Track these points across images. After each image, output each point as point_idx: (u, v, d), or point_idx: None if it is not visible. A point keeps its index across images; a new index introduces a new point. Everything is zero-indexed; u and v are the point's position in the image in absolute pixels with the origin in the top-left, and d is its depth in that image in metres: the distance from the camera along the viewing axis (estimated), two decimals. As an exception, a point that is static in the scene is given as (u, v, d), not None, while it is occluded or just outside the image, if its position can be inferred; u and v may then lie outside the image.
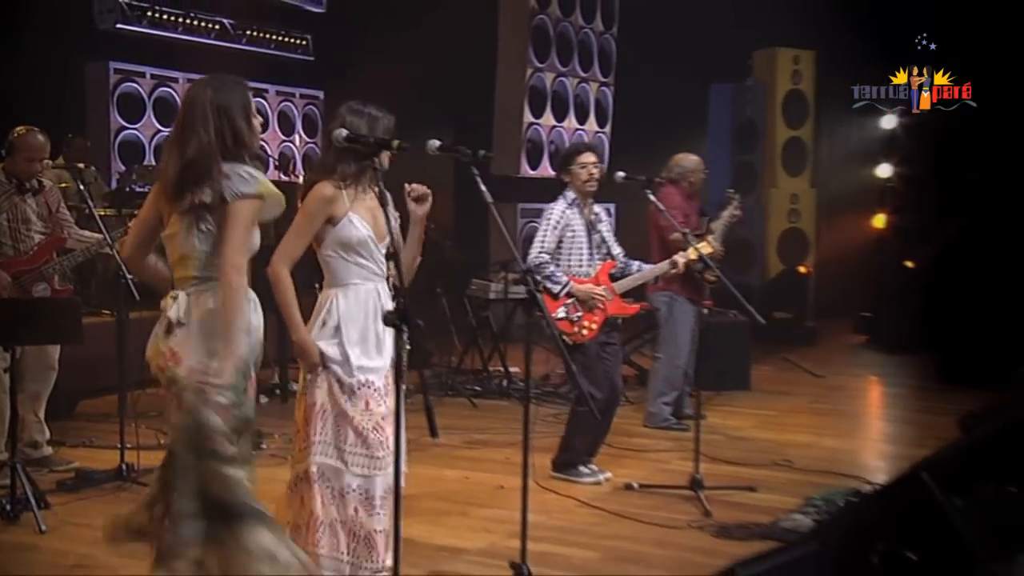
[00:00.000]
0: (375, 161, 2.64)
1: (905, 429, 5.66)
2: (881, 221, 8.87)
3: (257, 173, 2.53)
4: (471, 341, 6.61)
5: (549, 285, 4.26)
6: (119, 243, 4.32)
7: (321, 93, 9.47)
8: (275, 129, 9.11)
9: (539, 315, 2.89)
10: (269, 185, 2.54)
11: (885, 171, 8.90)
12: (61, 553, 3.49)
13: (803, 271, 8.82)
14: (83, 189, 4.62)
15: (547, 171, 8.81)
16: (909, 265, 8.23)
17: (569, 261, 4.37)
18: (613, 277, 4.43)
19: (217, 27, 8.40)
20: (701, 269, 4.68)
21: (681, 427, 5.32)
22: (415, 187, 2.86)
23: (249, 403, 2.52)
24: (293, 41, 9.14)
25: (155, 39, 7.93)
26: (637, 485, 4.30)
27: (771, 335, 7.36)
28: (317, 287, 2.92)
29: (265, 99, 8.95)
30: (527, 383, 3.05)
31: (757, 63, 9.06)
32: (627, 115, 9.76)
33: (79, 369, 4.99)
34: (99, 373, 5.09)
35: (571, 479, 4.38)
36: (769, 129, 8.90)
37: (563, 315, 4.29)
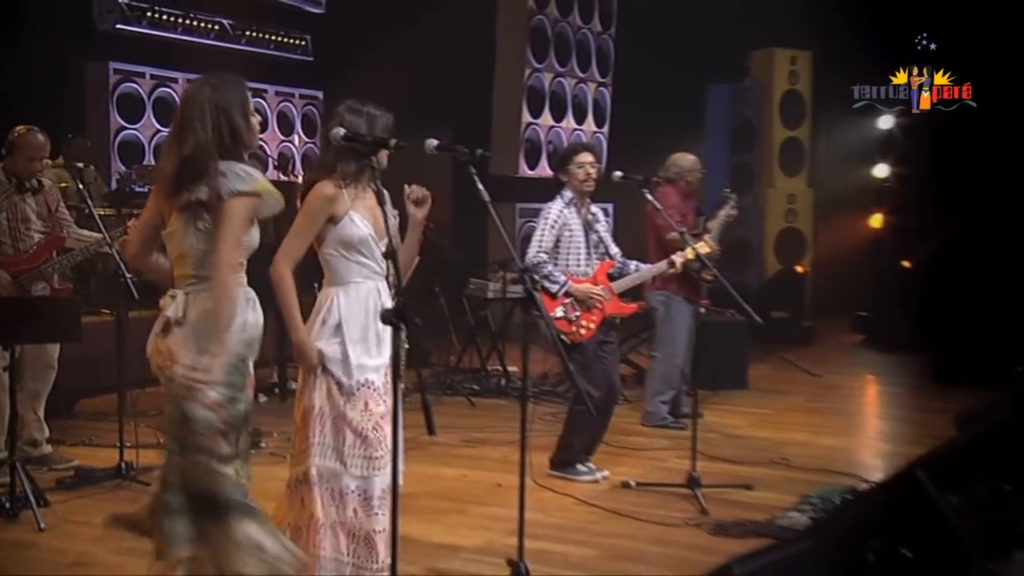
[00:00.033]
0: (373, 160, 2.64)
1: (902, 428, 5.67)
2: (878, 221, 8.89)
3: (253, 171, 2.51)
4: (469, 340, 6.62)
5: (547, 284, 4.26)
6: (118, 242, 4.34)
7: (320, 93, 9.46)
8: (274, 129, 9.11)
9: (537, 314, 2.90)
10: (265, 183, 2.53)
11: (882, 171, 8.91)
12: (60, 551, 3.50)
13: (800, 271, 8.83)
14: (82, 189, 4.62)
15: (545, 171, 8.81)
16: (906, 265, 8.26)
17: (567, 261, 4.37)
18: (611, 277, 4.43)
19: (216, 27, 8.40)
20: (698, 268, 4.70)
21: (678, 426, 5.34)
22: (415, 189, 2.86)
23: (246, 400, 2.53)
24: (292, 41, 9.14)
25: (155, 39, 7.93)
26: (634, 483, 4.31)
27: (768, 334, 7.39)
28: (316, 286, 2.91)
29: (264, 99, 8.94)
30: (524, 382, 3.07)
31: (755, 63, 9.07)
32: (625, 115, 9.77)
33: (79, 368, 4.99)
34: (98, 372, 5.10)
35: (569, 477, 4.39)
36: (766, 129, 8.91)
37: (561, 314, 4.29)
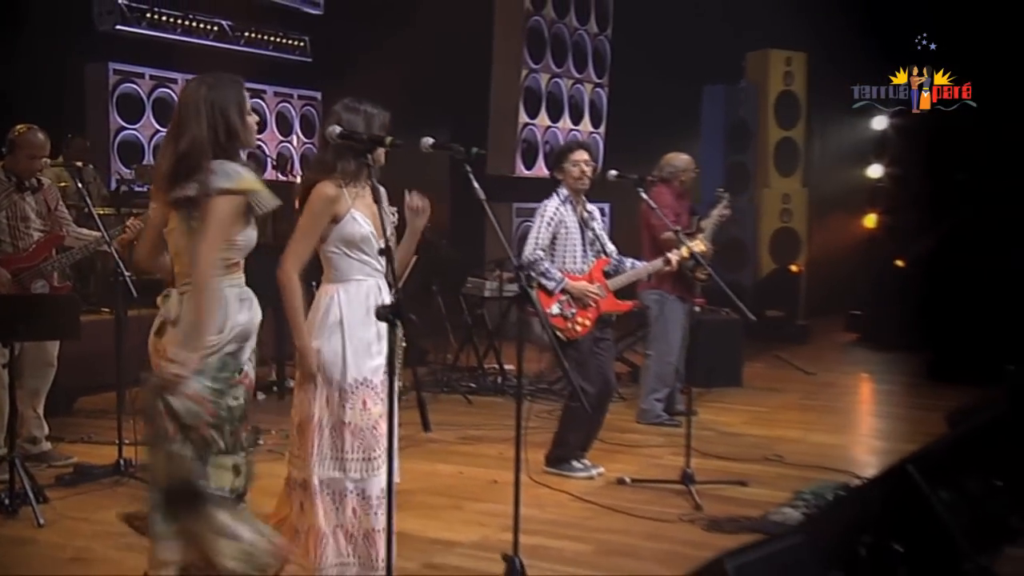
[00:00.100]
0: (368, 157, 2.66)
1: (895, 425, 5.70)
2: (872, 221, 8.92)
3: (243, 170, 2.50)
4: (466, 339, 6.64)
5: (544, 281, 4.28)
6: (117, 241, 4.38)
7: (319, 94, 9.47)
8: (273, 130, 9.12)
9: (532, 312, 2.93)
10: (253, 182, 2.50)
11: (876, 171, 8.95)
12: (59, 546, 3.51)
13: (795, 270, 8.85)
14: (81, 188, 4.64)
15: (542, 171, 8.84)
16: (900, 264, 8.30)
17: (563, 258, 4.38)
18: (607, 274, 4.45)
19: (215, 28, 8.42)
20: (693, 267, 4.74)
21: (673, 423, 5.36)
22: (415, 197, 2.87)
23: (241, 397, 2.53)
24: (291, 42, 9.15)
25: (154, 40, 7.94)
26: (629, 480, 4.32)
27: (763, 333, 7.43)
28: (314, 285, 2.92)
29: (263, 100, 8.95)
30: (519, 379, 3.09)
31: (750, 65, 9.09)
32: (621, 116, 9.81)
33: (78, 366, 5.01)
34: (98, 370, 5.11)
35: (564, 474, 4.40)
36: (761, 130, 8.94)
37: (557, 311, 4.30)
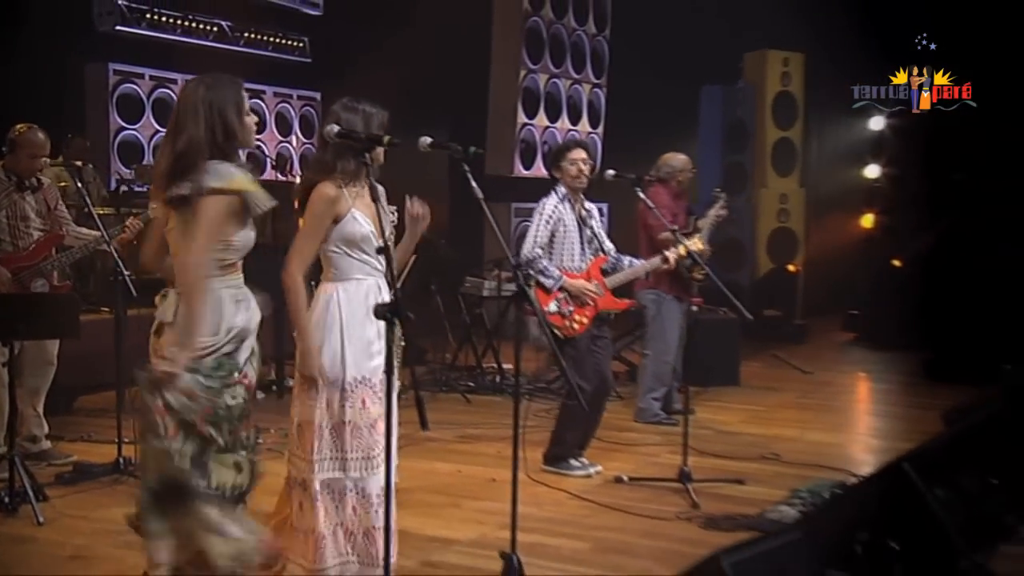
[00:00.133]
0: (367, 156, 2.67)
1: (892, 424, 5.71)
2: (869, 221, 8.94)
3: (236, 170, 2.49)
4: (465, 338, 6.66)
5: (542, 279, 4.29)
6: (116, 240, 4.40)
7: (318, 94, 9.48)
8: (272, 130, 9.13)
9: (529, 309, 2.95)
10: (246, 182, 2.49)
11: (873, 172, 8.97)
12: (58, 544, 3.52)
13: (792, 270, 8.87)
14: (81, 187, 4.66)
15: (540, 171, 8.86)
16: (897, 264, 8.33)
17: (561, 256, 4.39)
18: (604, 272, 4.46)
19: (215, 29, 8.43)
20: (690, 266, 4.75)
21: (670, 422, 5.37)
22: (415, 204, 2.89)
23: (239, 396, 2.54)
24: (290, 43, 9.16)
25: (154, 41, 7.96)
26: (627, 478, 4.34)
27: (761, 332, 7.45)
28: (313, 284, 2.93)
29: (262, 100, 8.96)
30: (516, 377, 3.10)
31: (747, 65, 9.10)
32: (619, 116, 9.82)
33: (78, 365, 5.02)
34: (97, 369, 5.12)
35: (562, 472, 4.41)
36: (759, 130, 8.95)
37: (555, 309, 4.31)
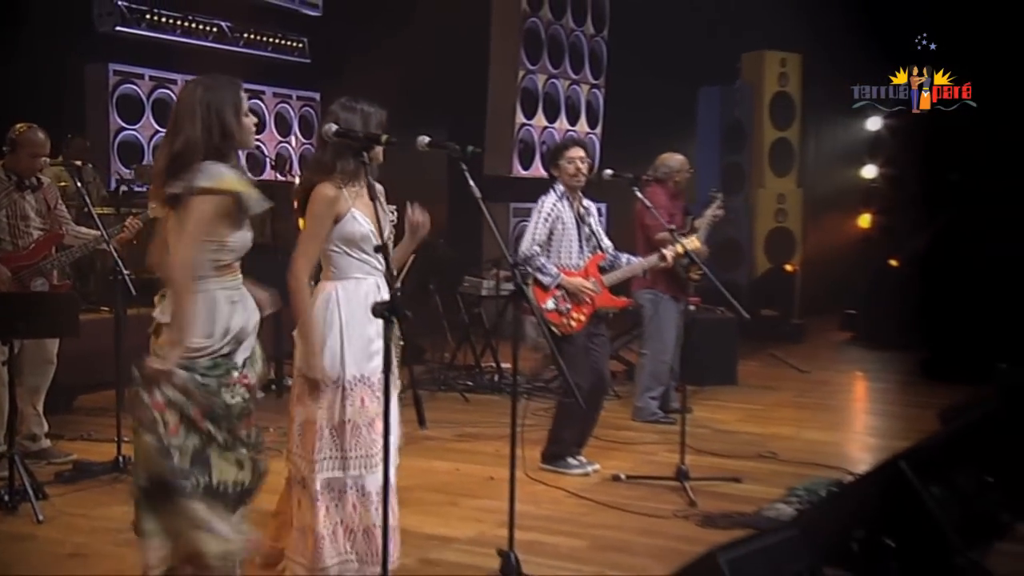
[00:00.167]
0: (364, 155, 2.68)
1: (889, 422, 5.73)
2: (866, 221, 8.96)
3: (228, 170, 2.48)
4: (463, 337, 6.67)
5: (540, 276, 4.31)
6: (116, 239, 4.42)
7: (317, 95, 9.50)
8: (272, 130, 9.15)
9: (527, 307, 2.96)
10: (236, 182, 2.49)
11: (870, 172, 9.00)
12: (58, 542, 3.53)
13: (790, 269, 8.89)
14: (80, 187, 4.67)
15: (539, 171, 8.87)
16: (894, 264, 8.35)
17: (559, 253, 4.41)
18: (602, 269, 4.48)
19: (215, 30, 8.45)
20: (687, 265, 4.77)
21: (668, 420, 5.38)
22: (417, 212, 2.91)
23: (238, 396, 2.56)
24: (290, 44, 9.19)
25: (154, 41, 7.98)
26: (624, 476, 4.35)
27: (758, 332, 7.47)
28: (312, 283, 2.94)
29: (262, 101, 8.99)
30: (514, 376, 3.12)
31: (745, 66, 9.12)
32: (618, 116, 9.84)
33: (78, 365, 5.04)
34: (97, 369, 5.13)
35: (560, 471, 4.43)
36: (757, 130, 8.96)
37: (552, 306, 4.33)
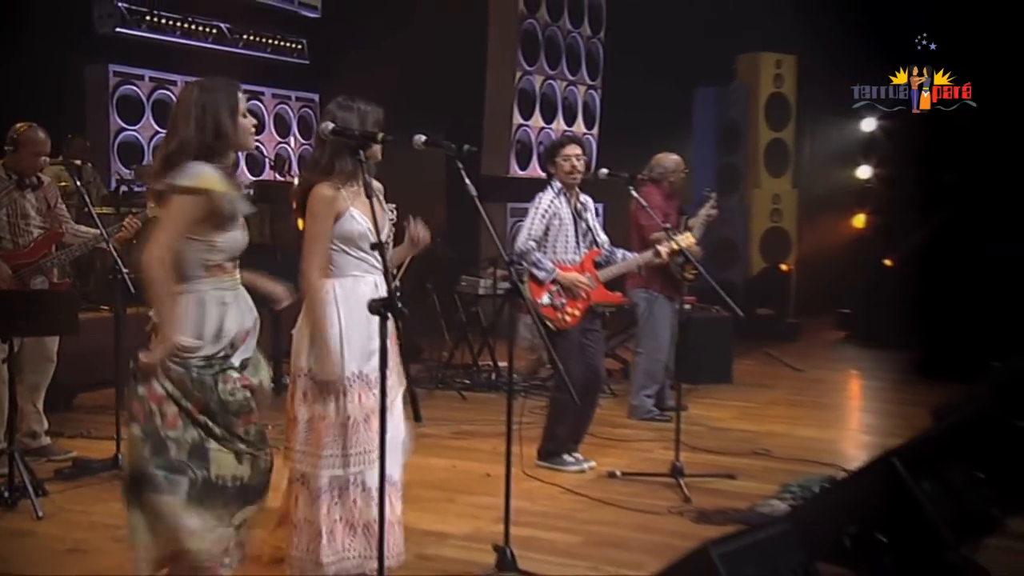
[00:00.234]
0: (361, 154, 2.70)
1: (883, 420, 5.76)
2: (861, 221, 8.98)
3: (211, 171, 2.48)
4: (461, 336, 6.69)
5: (535, 271, 4.32)
6: (115, 238, 4.45)
7: (316, 96, 9.52)
8: (271, 131, 9.18)
9: (523, 305, 3.00)
10: (215, 182, 2.48)
11: (865, 172, 9.02)
12: (57, 538, 3.54)
13: (785, 269, 8.94)
14: (80, 186, 4.70)
15: (536, 171, 8.91)
16: (888, 263, 8.40)
17: (555, 249, 4.43)
18: (598, 265, 4.50)
19: (214, 31, 8.47)
20: (682, 263, 4.81)
21: (663, 418, 5.41)
22: (419, 228, 2.94)
23: (236, 394, 2.60)
24: (289, 45, 9.21)
25: (154, 43, 8.00)
26: (620, 473, 4.37)
27: (753, 331, 7.51)
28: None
29: (261, 102, 9.01)
30: (510, 374, 3.17)
31: (741, 67, 9.17)
32: (614, 117, 9.87)
33: (78, 363, 5.05)
34: (97, 367, 5.15)
35: (556, 467, 4.45)
36: (752, 131, 9.01)
37: (547, 301, 4.34)
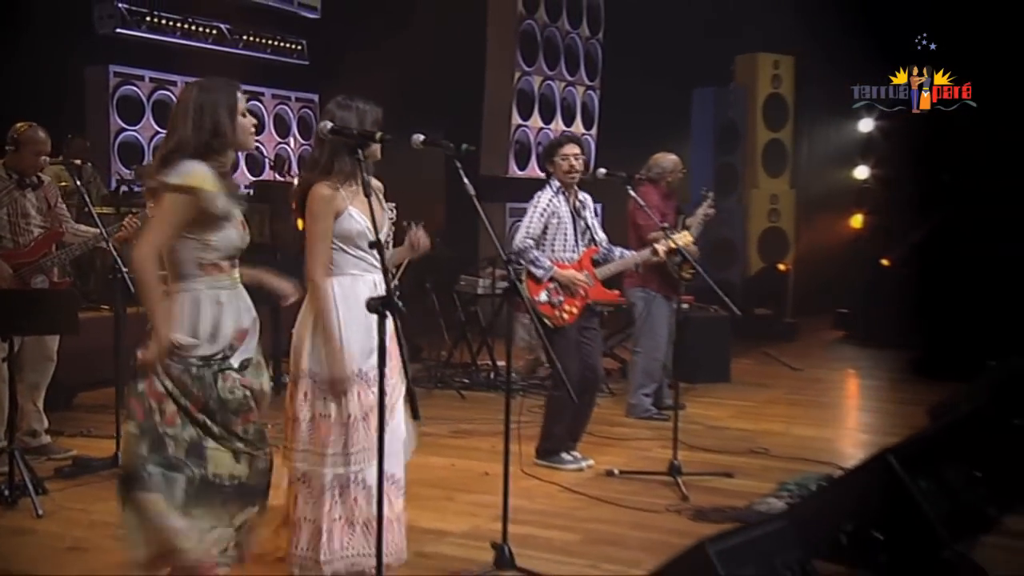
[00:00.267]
0: (360, 153, 2.71)
1: (880, 419, 5.78)
2: (858, 221, 9.01)
3: (201, 169, 2.48)
4: (460, 335, 6.70)
5: (532, 269, 4.34)
6: (115, 238, 4.46)
7: (316, 96, 9.54)
8: (271, 131, 9.20)
9: (520, 304, 3.01)
10: (202, 180, 2.47)
11: (862, 173, 9.05)
12: (57, 536, 3.55)
13: (783, 269, 8.94)
14: (80, 186, 4.71)
15: (535, 172, 8.93)
16: (886, 263, 8.43)
17: (553, 247, 4.44)
18: (595, 263, 4.51)
19: (214, 32, 8.49)
20: (679, 262, 4.83)
21: (661, 417, 5.43)
22: (421, 236, 2.96)
23: (236, 392, 2.62)
24: (288, 46, 9.23)
25: (154, 43, 8.02)
26: (618, 471, 4.38)
27: (751, 330, 7.54)
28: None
29: (261, 102, 9.03)
30: (508, 373, 3.18)
31: (739, 68, 9.17)
32: (613, 118, 9.88)
33: (78, 362, 5.06)
34: (97, 366, 5.17)
35: (554, 466, 4.46)
36: (750, 131, 9.02)
37: (545, 299, 4.35)
